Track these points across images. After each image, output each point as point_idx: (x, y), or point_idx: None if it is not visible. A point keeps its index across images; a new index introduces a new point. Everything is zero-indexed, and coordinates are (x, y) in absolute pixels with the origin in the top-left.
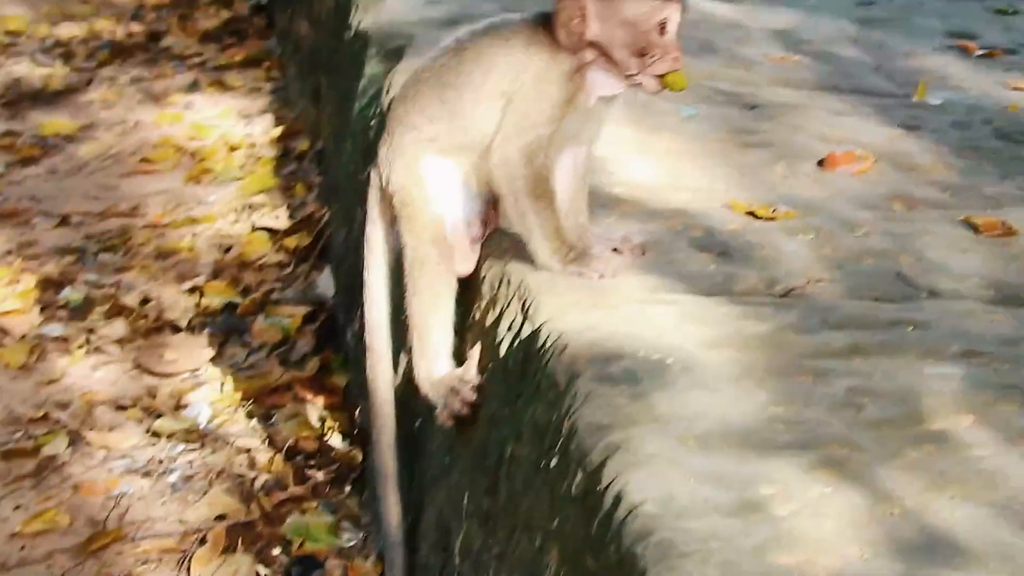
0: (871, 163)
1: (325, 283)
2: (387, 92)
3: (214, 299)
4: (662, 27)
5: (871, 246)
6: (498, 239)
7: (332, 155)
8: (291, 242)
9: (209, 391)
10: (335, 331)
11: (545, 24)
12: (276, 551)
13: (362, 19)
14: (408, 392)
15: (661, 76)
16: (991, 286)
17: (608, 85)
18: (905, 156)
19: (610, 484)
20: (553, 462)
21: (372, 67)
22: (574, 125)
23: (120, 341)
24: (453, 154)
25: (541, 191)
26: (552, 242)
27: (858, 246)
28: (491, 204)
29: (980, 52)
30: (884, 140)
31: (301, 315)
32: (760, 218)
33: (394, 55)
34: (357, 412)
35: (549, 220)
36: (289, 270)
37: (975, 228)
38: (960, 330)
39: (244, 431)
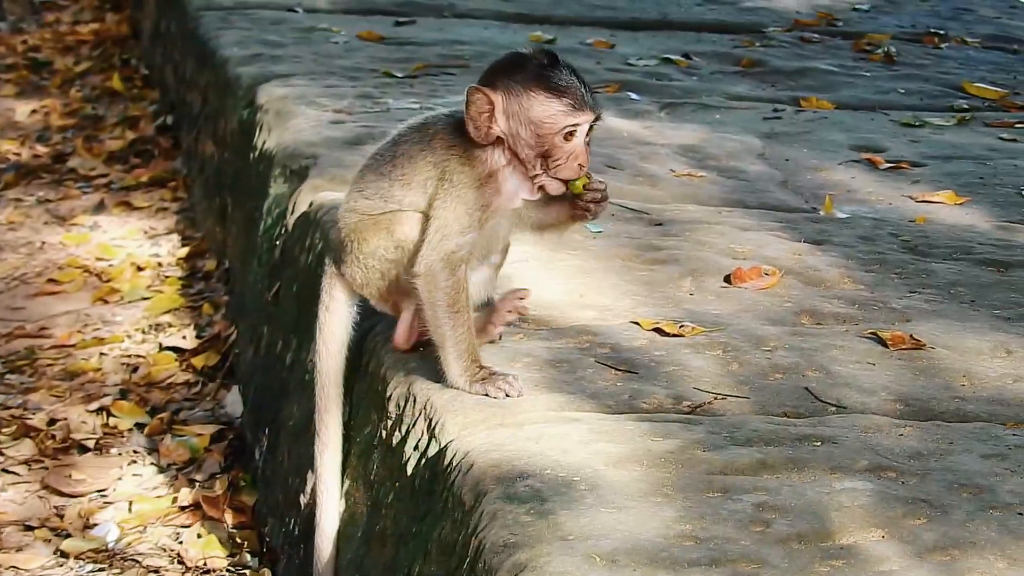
0: (778, 278)
1: (233, 402)
2: (292, 212)
3: (122, 419)
4: (569, 134)
5: (779, 362)
6: (403, 359)
7: (239, 274)
8: (198, 361)
9: (117, 511)
10: (243, 450)
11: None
12: None
13: (267, 139)
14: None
15: (564, 182)
16: (899, 400)
17: (521, 188)
18: (812, 271)
19: None
20: None
21: (277, 187)
22: (491, 233)
23: (27, 462)
24: None
25: (460, 304)
26: (463, 360)
27: (766, 362)
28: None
29: (887, 165)
30: (791, 255)
31: (209, 434)
32: (667, 335)
33: (298, 175)
34: (267, 530)
35: (463, 336)
36: (197, 389)
37: (883, 342)
38: (868, 445)
39: (153, 551)
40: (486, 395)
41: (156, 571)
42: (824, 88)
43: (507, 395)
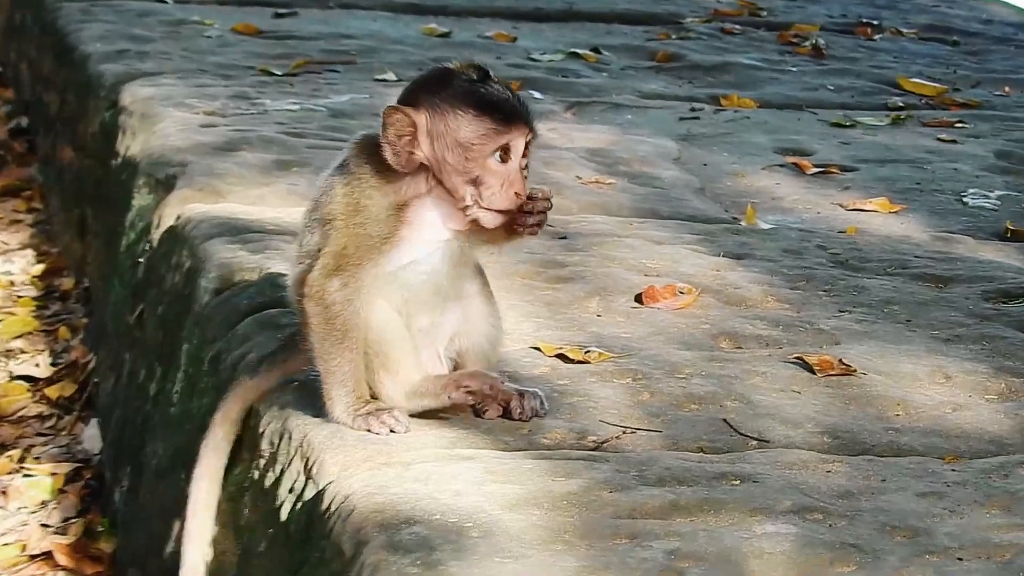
0: (694, 297)
1: (91, 437)
2: (157, 226)
3: None
4: (504, 155)
5: (694, 391)
6: (279, 391)
7: (100, 295)
8: (53, 392)
9: None
10: (102, 491)
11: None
12: None
13: (130, 145)
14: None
15: (502, 213)
16: (827, 432)
17: (449, 219)
18: (732, 288)
19: None
20: None
21: (141, 198)
22: (426, 273)
23: None
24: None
25: (349, 333)
26: (346, 393)
27: (680, 391)
28: None
29: (815, 170)
30: (708, 271)
31: (64, 473)
32: (571, 361)
33: (165, 185)
34: None
35: (348, 367)
36: (51, 423)
37: (809, 368)
38: (792, 483)
39: None
40: (368, 430)
41: None
42: (746, 85)
43: (392, 431)
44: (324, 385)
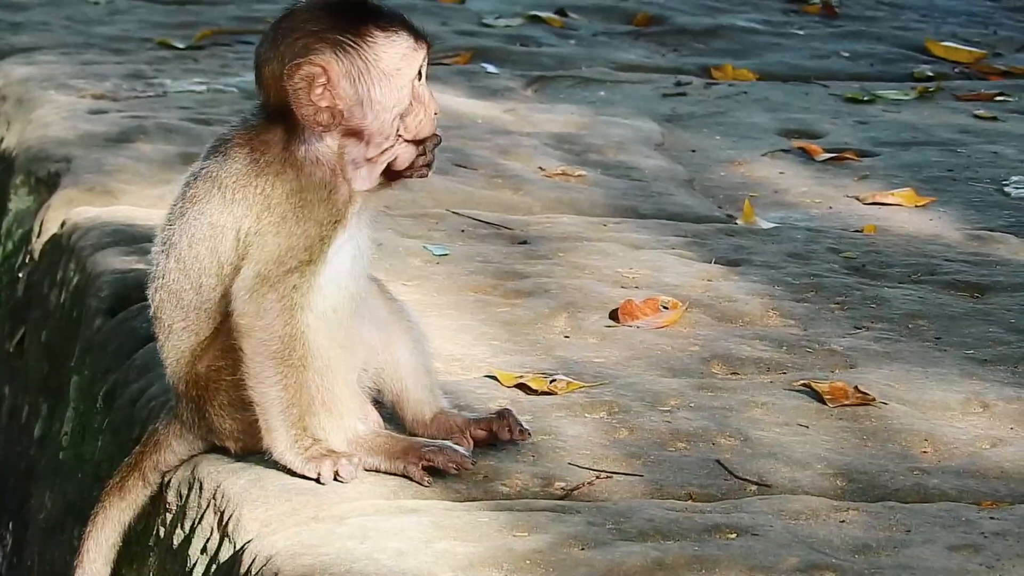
0: (680, 313)
1: None
2: (38, 234)
3: None
4: (418, 76)
5: (681, 426)
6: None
7: None
8: None
9: None
10: None
11: (273, 120)
12: None
13: (4, 136)
14: None
15: (419, 144)
16: (840, 474)
17: (359, 179)
18: (726, 302)
19: None
20: None
21: (19, 200)
22: (346, 253)
23: None
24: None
25: (296, 356)
26: (292, 429)
27: (664, 426)
28: None
29: (826, 156)
30: (698, 281)
31: None
32: (534, 392)
33: (47, 184)
34: None
35: (295, 398)
36: None
37: (819, 397)
38: (799, 536)
39: None
40: (317, 478)
41: None
42: (743, 53)
43: (338, 478)
44: (262, 418)
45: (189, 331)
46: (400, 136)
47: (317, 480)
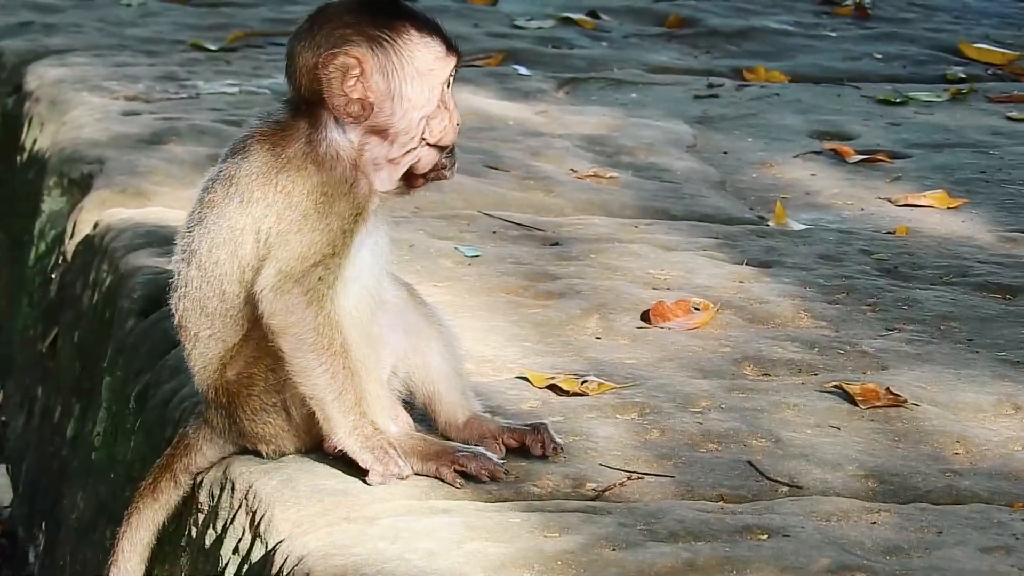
0: (712, 314)
1: None
2: (71, 235)
3: None
4: (447, 84)
5: (712, 427)
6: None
7: (4, 317)
8: None
9: None
10: (14, 551)
11: (296, 116)
12: None
13: (38, 138)
14: None
15: (442, 149)
16: (871, 476)
17: (382, 178)
18: (757, 303)
19: None
20: None
21: (52, 201)
22: (366, 250)
23: None
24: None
25: (337, 343)
26: (352, 414)
27: (695, 428)
28: None
29: (858, 157)
30: (729, 282)
31: None
32: (566, 393)
33: (80, 186)
34: None
35: (349, 383)
36: None
37: (850, 398)
38: (830, 537)
39: None
40: (368, 472)
41: None
42: (775, 54)
43: (399, 476)
44: (319, 411)
45: (216, 339)
46: (424, 139)
47: (366, 475)
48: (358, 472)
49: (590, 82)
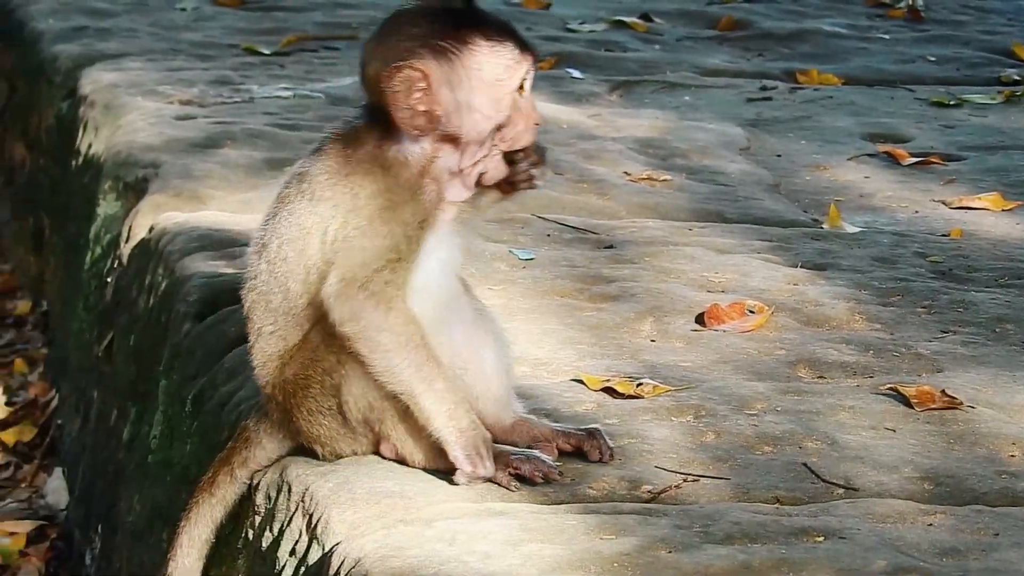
0: (766, 317)
1: (55, 490)
2: (127, 239)
3: None
4: (521, 87)
5: (768, 430)
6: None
7: (61, 321)
8: (10, 436)
9: None
10: (70, 553)
11: (371, 120)
12: None
13: (92, 142)
14: None
15: (512, 159)
16: (927, 478)
17: (454, 188)
18: (812, 306)
19: None
20: None
21: (107, 206)
22: (435, 259)
23: None
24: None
25: (416, 336)
26: (446, 404)
27: (751, 430)
28: None
29: (912, 160)
30: (783, 285)
31: (25, 533)
32: (621, 395)
33: (135, 189)
34: None
35: (436, 371)
36: (7, 474)
37: (906, 401)
38: (886, 539)
39: None
40: (455, 471)
41: None
42: (828, 57)
43: (484, 478)
44: (414, 407)
45: (277, 336)
46: (495, 147)
47: (452, 474)
48: (415, 475)
49: (643, 85)
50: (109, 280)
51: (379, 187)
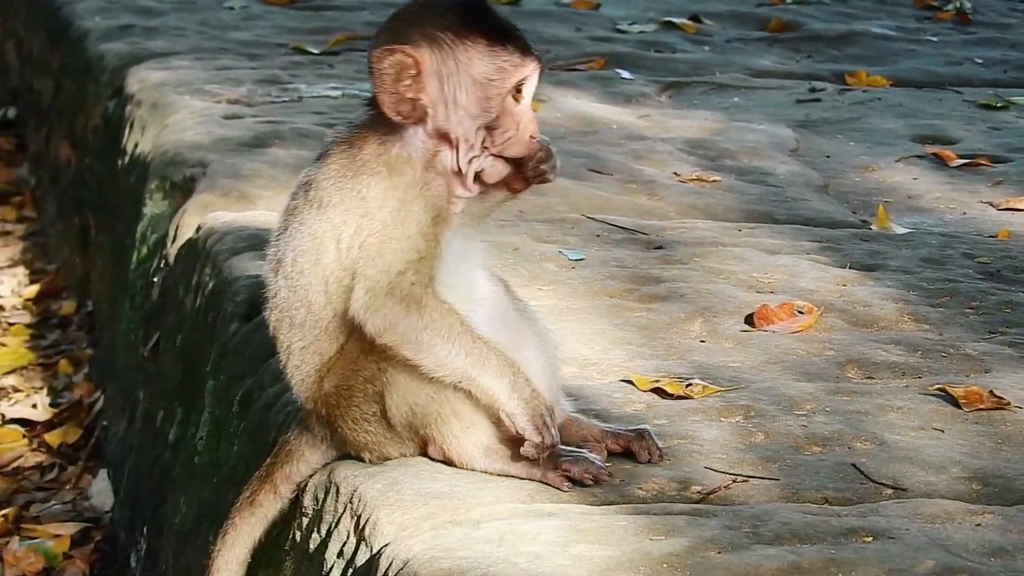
0: (815, 318)
1: (100, 492)
2: (173, 238)
3: None
4: (516, 93)
5: (817, 430)
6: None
7: (106, 321)
8: (54, 438)
9: None
10: (115, 556)
11: (374, 119)
12: None
13: (139, 141)
14: None
15: (515, 163)
16: (976, 478)
17: (458, 184)
18: (861, 307)
19: None
20: None
21: (154, 205)
22: (452, 252)
23: None
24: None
25: (457, 324)
26: (504, 377)
27: (800, 430)
28: None
29: (960, 161)
30: (832, 286)
31: (70, 535)
32: (671, 396)
33: (182, 189)
34: None
35: (487, 350)
36: (53, 475)
37: (954, 401)
38: (935, 539)
39: None
40: (524, 443)
41: None
42: (877, 59)
43: (551, 446)
44: (476, 390)
45: (309, 351)
46: (486, 148)
47: (510, 464)
48: (463, 476)
49: (692, 86)
50: (156, 280)
51: (386, 186)
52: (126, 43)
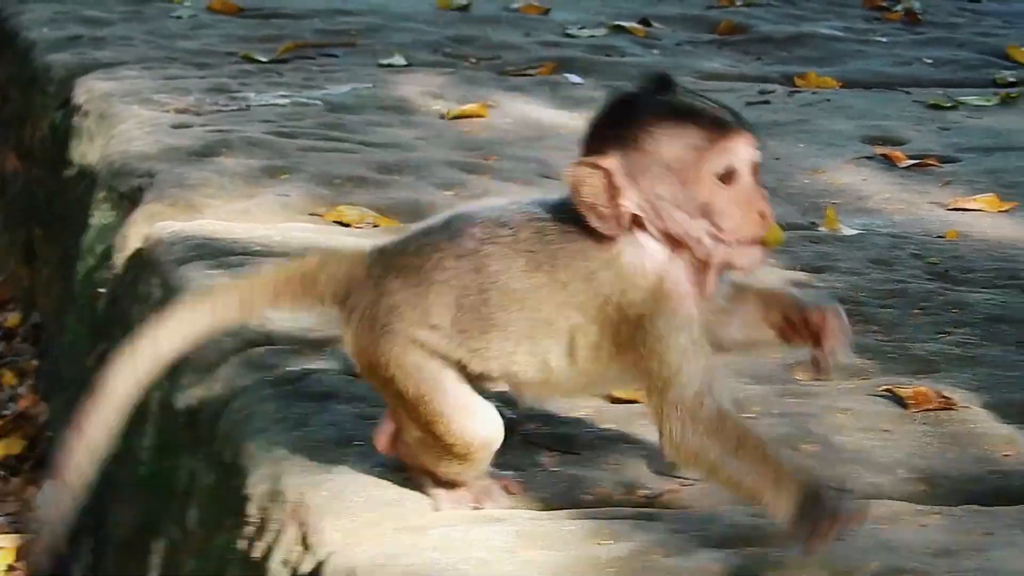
0: None
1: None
2: (121, 249)
3: None
4: (727, 175)
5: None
6: (267, 445)
7: (53, 332)
8: None
9: None
10: (58, 568)
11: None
12: None
13: (87, 151)
14: None
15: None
16: (923, 479)
17: (698, 284)
18: None
19: None
20: None
21: (101, 215)
22: None
23: None
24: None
25: (729, 424)
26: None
27: None
28: None
29: (909, 162)
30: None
31: (14, 549)
32: (618, 400)
33: (130, 199)
34: None
35: (769, 459)
36: None
37: (901, 402)
38: (880, 540)
39: None
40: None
41: None
42: (826, 60)
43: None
44: (764, 496)
45: None
46: (718, 238)
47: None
48: (412, 483)
49: None
50: (102, 291)
51: (658, 280)
52: (73, 54)
